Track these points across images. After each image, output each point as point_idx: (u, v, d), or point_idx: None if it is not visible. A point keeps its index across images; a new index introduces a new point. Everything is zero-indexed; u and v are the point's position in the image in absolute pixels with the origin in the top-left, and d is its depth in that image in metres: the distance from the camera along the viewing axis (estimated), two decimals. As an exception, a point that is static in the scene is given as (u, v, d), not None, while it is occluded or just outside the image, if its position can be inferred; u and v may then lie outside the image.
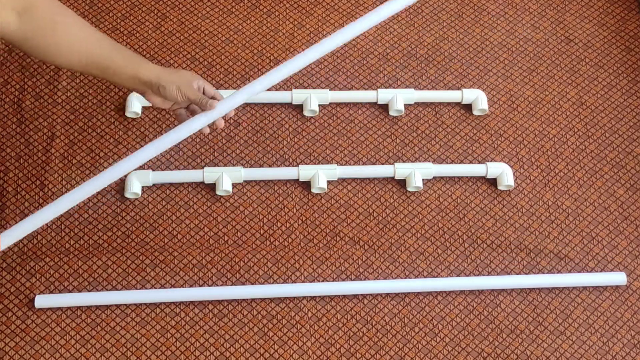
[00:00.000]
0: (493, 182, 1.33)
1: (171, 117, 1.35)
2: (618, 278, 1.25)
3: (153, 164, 1.30)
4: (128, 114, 1.32)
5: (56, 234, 1.24)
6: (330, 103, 1.38)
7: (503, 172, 1.31)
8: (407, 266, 1.26)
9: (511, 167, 1.34)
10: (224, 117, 1.05)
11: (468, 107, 1.40)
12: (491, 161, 1.35)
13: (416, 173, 1.29)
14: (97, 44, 0.97)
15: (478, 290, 1.24)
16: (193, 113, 1.05)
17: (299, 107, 1.37)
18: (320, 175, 1.28)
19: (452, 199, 1.32)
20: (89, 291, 1.20)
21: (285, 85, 1.39)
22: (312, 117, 1.37)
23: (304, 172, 1.28)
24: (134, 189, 1.26)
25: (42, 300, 1.18)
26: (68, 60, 0.96)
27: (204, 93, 1.05)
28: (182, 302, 1.20)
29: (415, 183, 1.28)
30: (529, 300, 1.24)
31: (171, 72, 1.02)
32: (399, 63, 1.43)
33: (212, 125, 1.05)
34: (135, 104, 1.31)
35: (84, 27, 0.96)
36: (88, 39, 0.96)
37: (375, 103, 1.39)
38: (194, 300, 1.20)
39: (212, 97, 1.04)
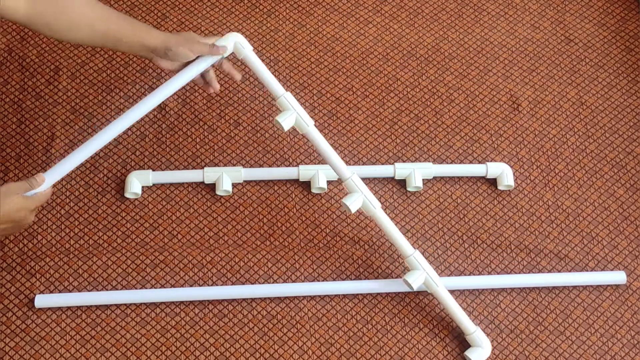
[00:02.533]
0: (493, 182, 1.33)
1: (171, 117, 1.35)
2: (618, 277, 1.25)
3: (153, 164, 1.31)
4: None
5: (56, 234, 1.24)
6: (330, 103, 1.38)
7: (503, 172, 1.31)
8: (407, 266, 1.26)
9: (511, 167, 1.34)
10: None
11: (468, 108, 1.40)
12: (491, 161, 1.35)
13: (416, 173, 1.29)
14: (105, 18, 1.04)
15: (478, 290, 1.24)
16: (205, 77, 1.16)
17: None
18: (320, 175, 1.28)
19: (452, 199, 1.32)
20: (89, 291, 1.20)
21: (285, 83, 1.39)
22: (312, 117, 1.37)
23: (304, 172, 1.28)
24: (134, 189, 1.26)
25: (42, 300, 1.18)
26: (77, 37, 1.02)
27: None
28: (182, 302, 1.20)
29: (415, 183, 1.28)
30: (529, 300, 1.24)
31: (174, 35, 1.09)
32: (399, 63, 1.44)
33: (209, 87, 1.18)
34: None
35: (89, 2, 1.02)
36: (95, 14, 1.02)
37: (375, 105, 1.39)
38: (194, 300, 1.20)
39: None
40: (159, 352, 1.17)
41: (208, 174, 1.27)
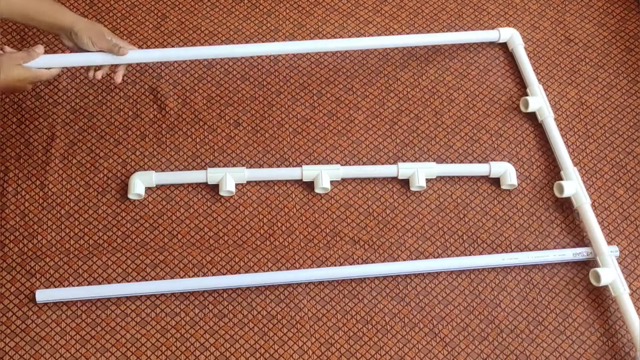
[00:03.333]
0: (493, 182, 1.33)
1: (171, 117, 1.35)
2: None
3: (153, 164, 1.31)
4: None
5: (56, 234, 1.24)
6: (330, 103, 1.38)
7: (506, 172, 1.31)
8: (407, 266, 1.26)
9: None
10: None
11: (468, 108, 1.40)
12: (492, 161, 1.35)
13: (419, 173, 1.29)
14: None
15: (478, 291, 1.24)
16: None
17: (299, 108, 1.38)
18: (324, 176, 1.28)
19: (452, 199, 1.32)
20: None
21: (285, 83, 1.39)
22: (312, 117, 1.37)
23: (308, 172, 1.28)
24: (137, 190, 1.25)
25: (43, 295, 1.17)
26: None
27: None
28: (182, 302, 1.20)
29: (419, 183, 1.28)
30: (529, 300, 1.24)
31: (86, 22, 1.15)
32: (399, 63, 1.43)
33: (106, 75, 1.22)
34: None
35: None
36: None
37: (375, 105, 1.39)
38: (194, 301, 1.20)
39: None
40: (159, 352, 1.17)
41: (211, 175, 1.27)
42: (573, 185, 1.28)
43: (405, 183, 1.32)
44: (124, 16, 1.44)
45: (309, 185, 1.30)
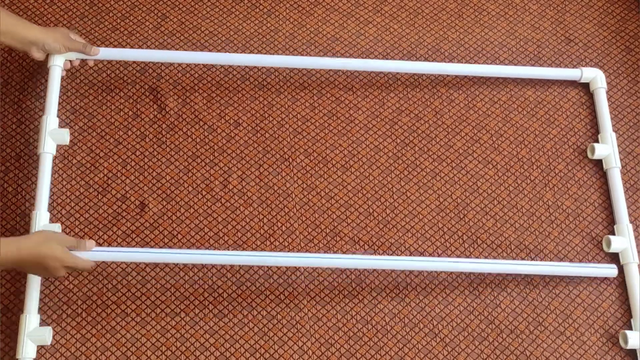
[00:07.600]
0: (493, 182, 1.33)
1: (171, 117, 1.35)
2: (609, 271, 1.25)
3: (153, 164, 1.30)
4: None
5: (56, 234, 1.24)
6: (330, 103, 1.38)
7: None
8: (407, 266, 1.26)
9: (511, 166, 1.34)
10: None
11: (468, 108, 1.40)
12: (492, 161, 1.35)
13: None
14: None
15: (478, 291, 1.24)
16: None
17: (299, 108, 1.38)
18: None
19: (452, 199, 1.32)
20: (89, 289, 1.20)
21: (285, 83, 1.39)
22: (312, 117, 1.37)
23: None
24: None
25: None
26: None
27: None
28: (182, 302, 1.20)
29: None
30: (529, 300, 1.24)
31: (50, 30, 1.24)
32: (399, 63, 1.44)
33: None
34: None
35: None
36: None
37: (375, 105, 1.39)
38: (195, 291, 1.20)
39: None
40: (159, 352, 1.17)
41: None
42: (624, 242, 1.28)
43: (406, 183, 1.32)
44: (124, 16, 1.44)
45: (309, 185, 1.31)
